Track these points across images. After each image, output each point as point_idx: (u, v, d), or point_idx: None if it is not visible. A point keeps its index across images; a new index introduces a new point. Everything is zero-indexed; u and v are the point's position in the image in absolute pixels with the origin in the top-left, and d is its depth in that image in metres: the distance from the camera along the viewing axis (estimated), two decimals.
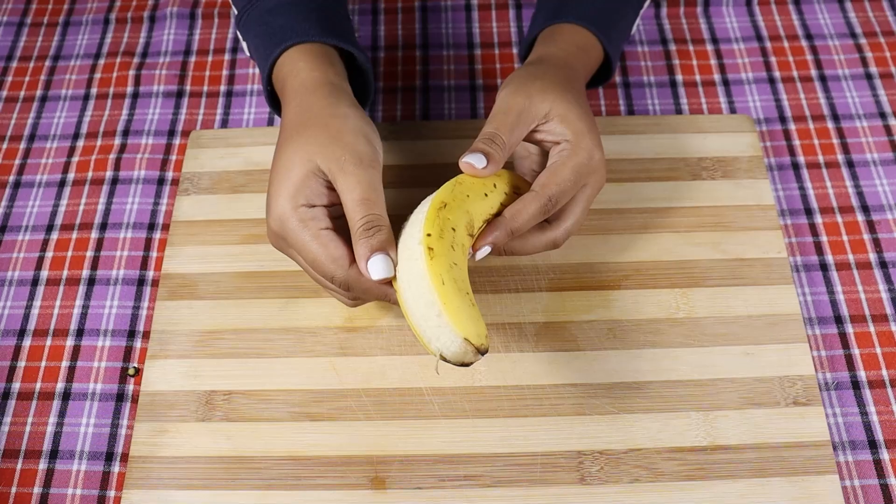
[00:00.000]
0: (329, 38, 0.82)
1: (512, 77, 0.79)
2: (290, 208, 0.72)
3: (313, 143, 0.73)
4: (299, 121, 0.76)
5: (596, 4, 0.85)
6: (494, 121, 0.75)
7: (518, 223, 0.73)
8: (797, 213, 0.91)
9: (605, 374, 0.79)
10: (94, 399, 0.82)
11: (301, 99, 0.78)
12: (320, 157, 0.72)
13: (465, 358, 0.67)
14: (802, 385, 0.78)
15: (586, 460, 0.75)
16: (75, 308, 0.87)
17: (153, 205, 0.93)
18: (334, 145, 0.72)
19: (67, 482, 0.78)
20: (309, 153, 0.73)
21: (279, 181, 0.73)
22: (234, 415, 0.78)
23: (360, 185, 0.71)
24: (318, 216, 0.72)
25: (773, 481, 0.74)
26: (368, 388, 0.79)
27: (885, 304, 0.85)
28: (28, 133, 1.00)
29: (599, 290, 0.84)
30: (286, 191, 0.72)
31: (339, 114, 0.75)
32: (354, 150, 0.72)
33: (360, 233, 0.70)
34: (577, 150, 0.75)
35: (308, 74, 0.79)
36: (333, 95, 0.77)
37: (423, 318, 0.67)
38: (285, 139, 0.76)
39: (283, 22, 0.82)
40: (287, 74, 0.80)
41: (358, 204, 0.70)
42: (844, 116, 0.98)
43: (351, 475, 0.75)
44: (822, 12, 1.08)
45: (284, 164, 0.73)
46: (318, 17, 0.83)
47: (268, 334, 0.82)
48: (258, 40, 0.84)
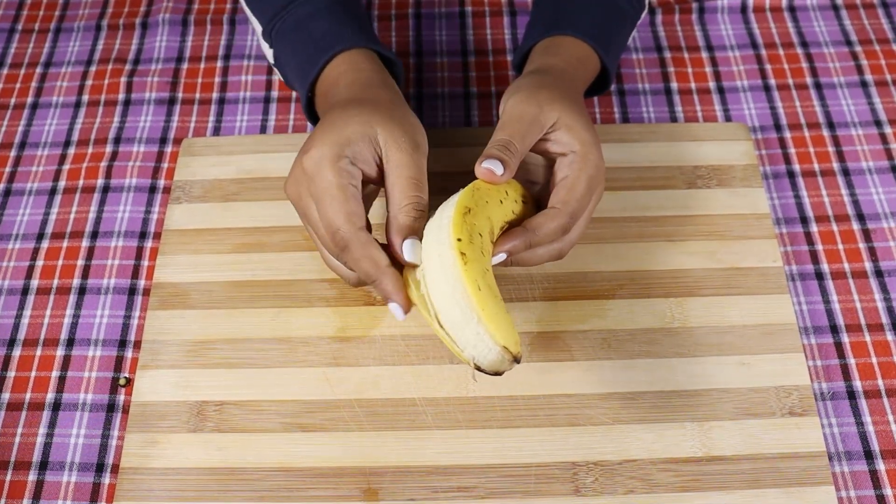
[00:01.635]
0: (370, 42, 0.82)
1: (518, 85, 0.79)
2: (333, 155, 0.70)
3: (377, 115, 0.72)
4: (362, 96, 0.75)
5: (594, 18, 0.85)
6: (507, 128, 0.74)
7: (539, 236, 0.73)
8: (792, 222, 0.91)
9: (600, 384, 0.79)
10: (84, 409, 0.81)
11: (362, 87, 0.77)
12: (381, 128, 0.71)
13: (501, 367, 0.66)
14: (798, 395, 0.78)
15: (581, 471, 0.75)
16: (66, 317, 0.86)
17: (145, 213, 0.93)
18: (397, 125, 0.72)
19: (57, 494, 0.77)
20: (371, 121, 0.72)
21: (330, 129, 0.72)
22: (226, 426, 0.78)
23: (414, 165, 0.71)
24: (355, 174, 0.71)
25: (768, 492, 0.73)
26: (361, 399, 0.79)
27: (880, 313, 0.85)
28: (19, 140, 1.00)
29: (594, 299, 0.84)
30: (336, 139, 0.71)
31: (400, 104, 0.75)
32: (413, 134, 0.72)
33: (406, 209, 0.70)
34: (586, 162, 0.75)
35: (369, 74, 0.79)
36: (394, 92, 0.78)
37: (458, 325, 0.66)
38: (345, 106, 0.74)
39: (325, 28, 0.82)
40: (345, 71, 0.79)
41: (410, 183, 0.70)
42: (840, 124, 0.98)
43: (343, 487, 0.75)
44: (818, 20, 1.07)
45: (343, 119, 0.72)
46: (358, 26, 0.83)
47: (260, 344, 0.81)
48: (299, 45, 0.83)
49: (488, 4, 1.10)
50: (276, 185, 0.91)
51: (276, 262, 0.86)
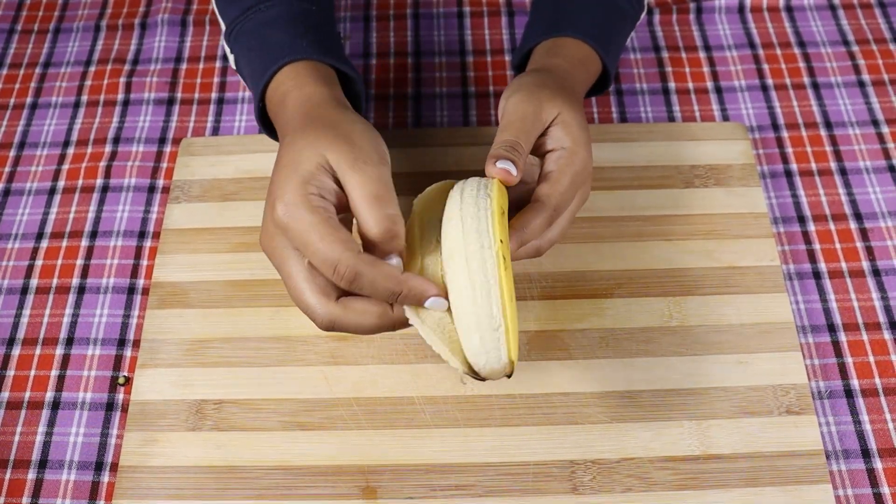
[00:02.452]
0: (326, 56, 0.79)
1: (519, 84, 0.78)
2: (300, 195, 0.66)
3: (322, 139, 0.69)
4: (307, 121, 0.72)
5: (595, 19, 0.85)
6: (512, 128, 0.74)
7: (527, 234, 0.71)
8: (790, 221, 0.91)
9: (598, 382, 0.79)
10: (83, 408, 0.81)
11: (307, 108, 0.74)
12: (330, 151, 0.68)
13: (495, 376, 0.65)
14: (795, 394, 0.78)
15: (578, 470, 0.75)
16: (65, 317, 0.87)
17: (143, 213, 0.93)
18: (344, 142, 0.68)
19: (57, 492, 0.77)
20: (318, 147, 0.68)
21: (287, 173, 0.68)
22: (225, 424, 0.78)
23: (371, 181, 0.66)
24: (328, 207, 0.67)
25: (766, 490, 0.74)
26: (360, 398, 0.79)
27: (878, 312, 0.85)
28: (18, 140, 1.00)
29: (592, 298, 0.84)
30: (296, 180, 0.67)
31: (347, 119, 0.72)
32: (364, 147, 0.69)
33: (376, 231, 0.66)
34: (573, 158, 0.74)
35: (314, 88, 0.76)
36: (341, 107, 0.74)
37: (472, 328, 0.63)
38: (291, 138, 0.71)
39: (280, 38, 0.80)
40: (291, 88, 0.76)
41: (371, 202, 0.66)
42: (837, 124, 0.98)
43: (342, 485, 0.75)
44: (815, 20, 1.08)
45: (293, 158, 0.69)
46: (315, 35, 0.80)
47: (258, 343, 0.82)
48: (252, 53, 0.81)
49: (486, 4, 1.10)
50: None
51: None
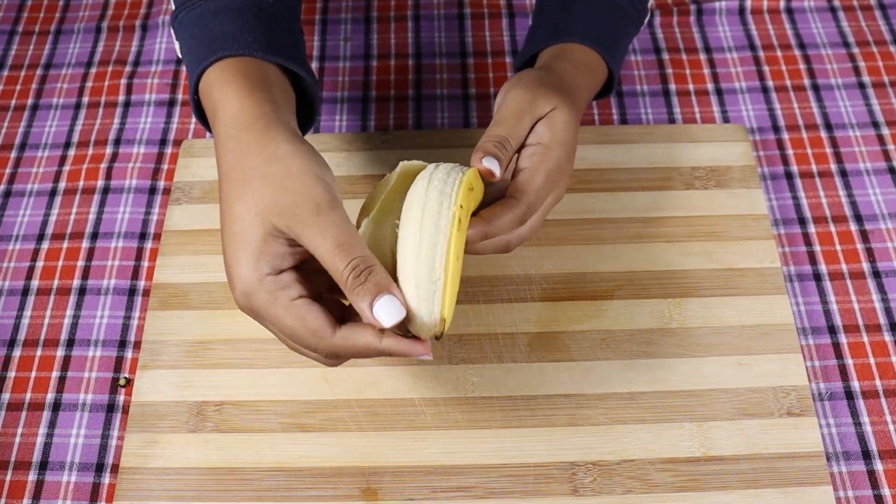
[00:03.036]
0: (272, 55, 0.72)
1: (519, 78, 0.77)
2: (255, 280, 0.64)
3: (260, 201, 0.64)
4: (238, 174, 0.66)
5: (601, 24, 0.84)
6: (504, 124, 0.73)
7: (495, 227, 0.69)
8: (790, 223, 0.91)
9: (598, 384, 0.79)
10: (84, 410, 0.81)
11: (234, 142, 0.68)
12: (274, 214, 0.63)
13: (424, 332, 0.64)
14: (796, 395, 0.78)
15: (579, 471, 0.75)
16: (66, 318, 0.87)
17: (144, 214, 0.93)
18: (284, 197, 0.63)
19: (57, 494, 0.77)
20: (261, 213, 0.64)
21: (236, 249, 0.64)
22: (226, 426, 0.78)
23: (327, 232, 0.62)
24: (287, 284, 0.64)
25: (766, 492, 0.74)
26: (360, 399, 0.79)
27: (878, 314, 0.85)
28: (19, 142, 1.00)
29: (592, 299, 0.84)
30: (246, 260, 0.64)
31: (278, 156, 0.65)
32: (307, 195, 0.63)
33: (351, 283, 0.62)
34: (547, 155, 0.73)
35: (238, 105, 0.69)
36: (269, 132, 0.67)
37: (411, 277, 0.62)
38: (228, 197, 0.66)
39: (225, 29, 0.73)
40: (220, 98, 0.70)
41: (334, 254, 0.62)
42: (837, 125, 0.98)
43: (343, 486, 0.75)
44: (815, 21, 1.08)
45: (237, 229, 0.64)
46: (266, 30, 0.74)
47: (259, 344, 0.82)
48: (193, 42, 0.74)
49: (487, 6, 1.10)
50: None
51: None
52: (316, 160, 0.67)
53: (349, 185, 0.92)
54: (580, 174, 0.91)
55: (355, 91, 1.03)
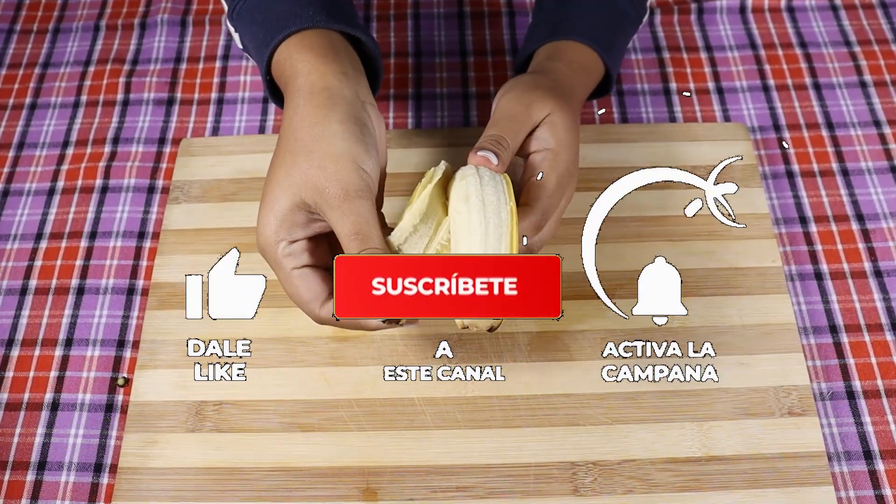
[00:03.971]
0: (334, 23, 0.77)
1: (514, 83, 0.79)
2: (272, 242, 0.70)
3: (297, 174, 0.69)
4: (289, 143, 0.72)
5: (598, 22, 0.84)
6: (498, 125, 0.74)
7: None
8: (792, 222, 0.91)
9: (599, 384, 0.79)
10: (82, 409, 0.81)
11: (295, 111, 0.73)
12: (305, 189, 0.69)
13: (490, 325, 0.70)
14: (797, 395, 0.78)
15: (580, 471, 0.75)
16: (64, 318, 0.86)
17: (143, 213, 0.93)
18: (318, 176, 0.69)
19: (56, 494, 0.77)
20: (294, 185, 0.69)
21: (267, 209, 0.71)
22: (225, 425, 0.78)
23: (348, 218, 0.68)
24: (296, 252, 0.70)
25: (768, 492, 0.73)
26: (360, 399, 0.79)
27: (879, 313, 0.85)
28: (17, 141, 1.00)
29: (593, 299, 0.83)
30: (270, 222, 0.70)
31: (326, 135, 0.70)
32: (339, 179, 0.68)
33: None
34: (557, 160, 0.75)
35: (306, 77, 0.73)
36: (327, 107, 0.72)
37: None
38: (276, 161, 0.72)
39: (285, 8, 0.77)
40: (291, 73, 0.75)
41: (350, 239, 0.68)
42: (839, 124, 0.98)
43: (342, 486, 0.75)
44: (817, 20, 1.07)
45: (272, 192, 0.71)
46: (322, 2, 0.78)
47: (258, 344, 0.81)
48: (256, 27, 0.79)
49: (487, 5, 1.10)
50: None
51: None
52: (362, 145, 0.70)
53: None
54: (581, 173, 0.90)
55: None
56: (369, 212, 0.69)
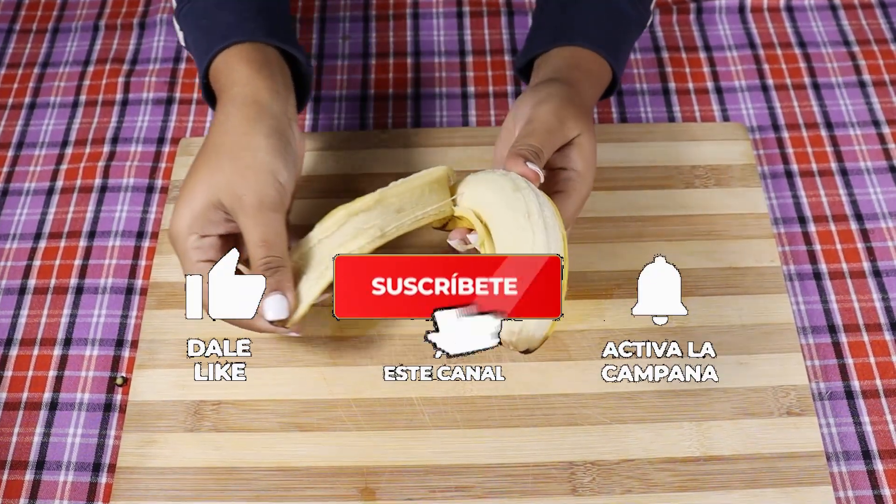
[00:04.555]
0: (273, 39, 0.81)
1: (550, 94, 0.78)
2: (184, 234, 0.74)
3: (220, 177, 0.73)
4: (215, 146, 0.76)
5: (606, 27, 0.84)
6: (537, 136, 0.75)
7: None
8: (790, 222, 0.91)
9: (597, 383, 0.78)
10: (81, 409, 0.81)
11: (226, 118, 0.77)
12: (224, 193, 0.73)
13: (528, 345, 0.70)
14: (796, 395, 0.78)
15: (578, 471, 0.75)
16: (63, 317, 0.86)
17: (142, 213, 0.93)
18: (239, 183, 0.73)
19: (54, 493, 0.77)
20: (215, 186, 0.73)
21: (185, 202, 0.74)
22: (223, 425, 0.78)
23: (258, 227, 0.72)
24: (203, 246, 0.74)
25: (766, 492, 0.73)
26: (359, 399, 0.78)
27: (878, 313, 0.85)
28: (16, 140, 1.00)
29: (591, 298, 0.83)
30: (186, 216, 0.74)
31: (252, 146, 0.74)
32: (257, 190, 0.73)
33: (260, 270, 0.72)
34: (583, 183, 0.77)
35: (241, 90, 0.77)
36: (256, 119, 0.76)
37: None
38: (199, 160, 0.76)
39: (229, 19, 0.81)
40: (226, 81, 0.79)
41: (257, 246, 0.72)
42: (838, 124, 0.98)
43: (341, 486, 0.74)
44: (816, 20, 1.07)
45: (193, 188, 0.74)
46: (266, 18, 0.82)
47: (257, 343, 0.81)
48: (200, 33, 0.82)
49: (486, 4, 1.10)
50: None
51: None
52: (282, 160, 0.75)
53: (347, 184, 0.91)
54: None
55: (354, 89, 1.03)
56: (279, 223, 0.74)
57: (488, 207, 0.73)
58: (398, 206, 0.75)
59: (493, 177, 0.74)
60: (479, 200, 0.74)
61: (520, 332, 0.70)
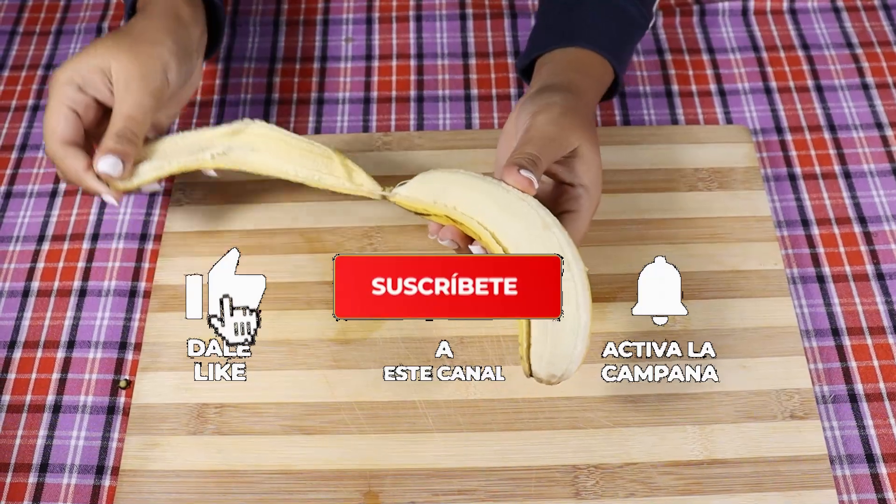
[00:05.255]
0: None
1: (549, 103, 0.77)
2: (64, 79, 0.80)
3: (117, 51, 0.80)
4: (128, 28, 0.83)
5: (609, 29, 0.84)
6: (535, 144, 0.74)
7: None
8: (794, 225, 0.91)
9: (600, 387, 0.79)
10: (84, 412, 0.81)
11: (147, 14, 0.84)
12: (115, 62, 0.80)
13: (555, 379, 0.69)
14: (799, 398, 0.78)
15: (581, 474, 0.75)
16: (66, 319, 0.86)
17: (145, 215, 0.93)
18: (132, 60, 0.80)
19: (57, 496, 0.77)
20: (111, 53, 0.80)
21: (78, 57, 0.80)
22: (226, 428, 0.78)
23: (130, 102, 0.79)
24: (76, 99, 0.80)
25: (769, 496, 0.73)
26: (361, 402, 0.78)
27: (882, 316, 0.85)
28: (20, 143, 1.00)
29: (594, 302, 0.82)
30: (73, 66, 0.80)
31: (157, 41, 0.82)
32: (145, 74, 0.80)
33: (109, 135, 0.79)
34: (591, 197, 0.76)
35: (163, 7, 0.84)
36: (169, 28, 0.83)
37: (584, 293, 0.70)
38: (110, 35, 0.83)
39: None
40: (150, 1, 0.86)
41: (122, 117, 0.79)
42: (841, 127, 0.98)
43: (344, 489, 0.75)
44: (819, 22, 1.07)
45: (89, 50, 0.81)
46: None
47: (260, 346, 0.81)
48: None
49: (489, 7, 1.10)
50: (277, 188, 0.91)
51: (276, 265, 0.86)
52: (177, 64, 0.83)
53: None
54: None
55: (357, 92, 1.03)
56: (149, 109, 0.80)
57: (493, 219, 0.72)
58: (253, 146, 0.81)
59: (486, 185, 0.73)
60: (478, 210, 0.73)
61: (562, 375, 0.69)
